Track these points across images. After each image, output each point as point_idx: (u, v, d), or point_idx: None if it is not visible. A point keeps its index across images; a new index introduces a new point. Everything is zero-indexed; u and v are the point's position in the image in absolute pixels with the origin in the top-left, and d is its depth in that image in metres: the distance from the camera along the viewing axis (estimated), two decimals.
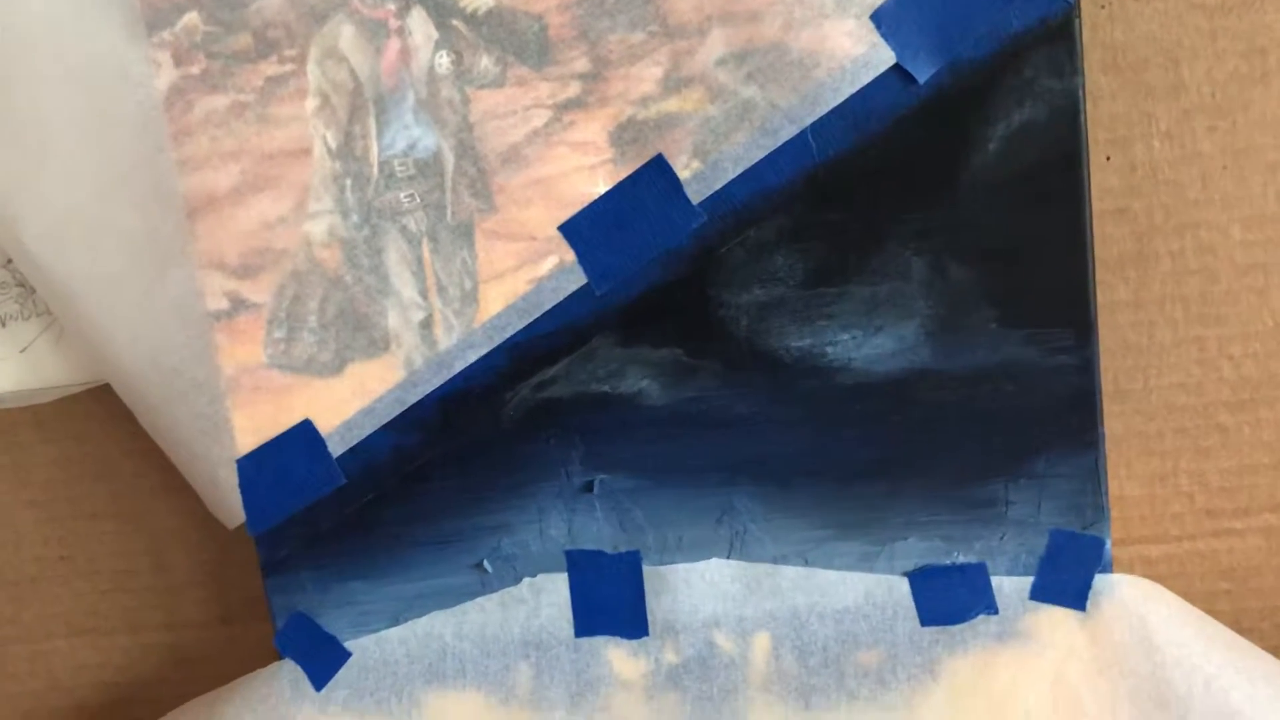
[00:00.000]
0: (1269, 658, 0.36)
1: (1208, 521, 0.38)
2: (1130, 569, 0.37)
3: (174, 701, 0.41)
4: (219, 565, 0.42)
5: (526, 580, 0.37)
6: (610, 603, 0.37)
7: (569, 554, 0.37)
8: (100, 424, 0.41)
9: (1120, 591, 0.35)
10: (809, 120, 0.33)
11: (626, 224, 0.34)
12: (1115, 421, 0.37)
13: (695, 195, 0.34)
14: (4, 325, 0.41)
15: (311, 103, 0.34)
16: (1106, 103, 0.36)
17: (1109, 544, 0.35)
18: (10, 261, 0.40)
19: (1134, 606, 0.35)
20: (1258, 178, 0.36)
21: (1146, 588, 0.36)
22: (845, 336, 0.34)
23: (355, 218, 0.35)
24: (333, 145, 0.35)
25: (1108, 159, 0.36)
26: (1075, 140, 0.33)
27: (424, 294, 0.35)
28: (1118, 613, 0.35)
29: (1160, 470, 0.38)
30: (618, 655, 0.37)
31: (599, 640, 0.37)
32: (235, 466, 0.37)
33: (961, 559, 0.36)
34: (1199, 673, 0.34)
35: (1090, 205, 0.33)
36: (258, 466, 0.37)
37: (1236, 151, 0.36)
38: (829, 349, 0.35)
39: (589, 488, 0.36)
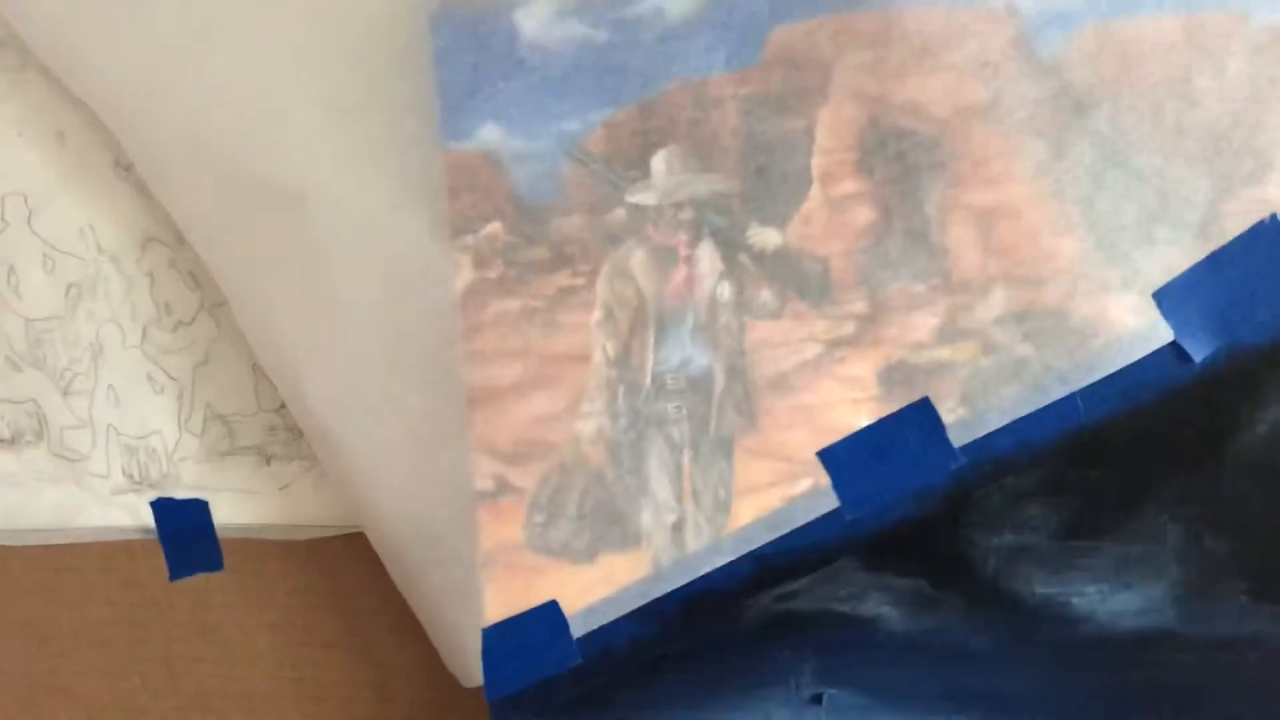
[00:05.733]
0: None
1: None
2: None
3: None
4: (443, 706, 0.44)
5: None
6: None
7: None
8: (346, 564, 0.44)
9: None
10: (1080, 384, 0.34)
11: (885, 457, 0.35)
12: None
13: (957, 439, 0.35)
14: (269, 463, 0.44)
15: (597, 314, 0.37)
16: None
17: None
18: (283, 407, 0.43)
19: None
20: None
21: None
22: (1092, 589, 0.35)
23: (624, 421, 0.37)
24: (611, 354, 0.37)
25: None
26: None
27: (679, 498, 0.37)
28: None
29: None
30: None
31: None
32: (481, 634, 0.39)
33: None
34: None
35: None
36: (502, 637, 0.39)
37: None
38: (1074, 599, 0.35)
39: (818, 700, 0.37)
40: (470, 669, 0.39)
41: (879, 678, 0.37)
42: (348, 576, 0.44)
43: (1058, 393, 0.34)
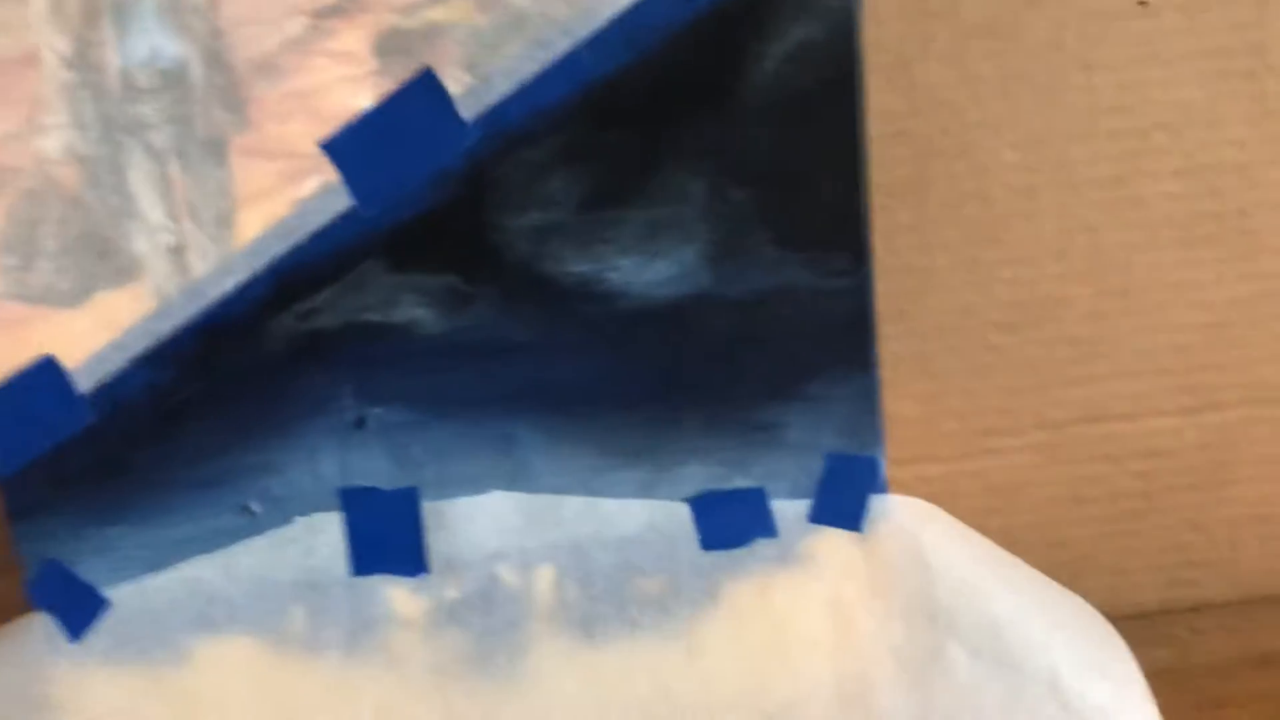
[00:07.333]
0: (1030, 569, 0.37)
1: (979, 440, 0.39)
2: (907, 489, 0.38)
3: None
4: None
5: (299, 520, 0.35)
6: (388, 541, 0.36)
7: (342, 492, 0.35)
8: None
9: (895, 512, 0.36)
10: (583, 33, 0.32)
11: (394, 141, 0.32)
12: (894, 344, 0.38)
13: (467, 111, 0.32)
14: None
15: (38, 5, 0.31)
16: (888, 23, 0.35)
17: (884, 465, 0.36)
18: None
19: (908, 526, 0.36)
20: (1029, 102, 0.36)
21: (920, 508, 0.36)
22: (625, 261, 0.34)
23: (95, 133, 0.32)
24: (65, 53, 0.31)
25: (888, 80, 0.36)
26: (851, 60, 0.32)
27: (174, 216, 0.33)
28: (892, 533, 0.36)
29: (934, 391, 0.39)
30: (397, 594, 0.36)
31: (377, 579, 0.36)
32: None
33: (741, 483, 0.36)
34: (965, 585, 0.35)
35: (866, 127, 0.33)
36: None
37: (1010, 75, 0.36)
38: (609, 274, 0.34)
39: (361, 423, 0.35)
40: None
41: (422, 388, 0.34)
42: None
43: (561, 46, 0.32)
